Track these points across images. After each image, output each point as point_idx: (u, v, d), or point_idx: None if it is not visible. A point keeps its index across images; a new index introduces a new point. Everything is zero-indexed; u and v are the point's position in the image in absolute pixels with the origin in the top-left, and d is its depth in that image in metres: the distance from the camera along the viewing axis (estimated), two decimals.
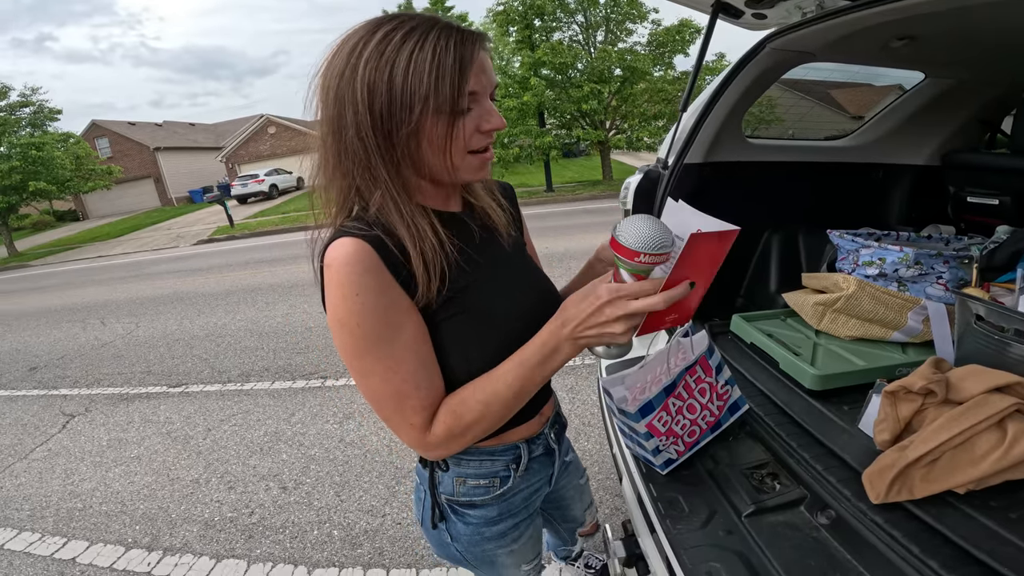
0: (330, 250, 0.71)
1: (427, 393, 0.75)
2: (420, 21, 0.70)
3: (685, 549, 0.91)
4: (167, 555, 2.29)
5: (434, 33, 0.69)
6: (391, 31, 0.69)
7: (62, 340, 6.02)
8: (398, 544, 2.16)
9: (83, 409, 3.98)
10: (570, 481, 1.19)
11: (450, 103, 0.69)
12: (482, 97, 0.74)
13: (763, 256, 1.98)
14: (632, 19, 14.58)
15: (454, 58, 0.68)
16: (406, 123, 0.69)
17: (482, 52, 0.73)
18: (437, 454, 0.78)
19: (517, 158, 14.51)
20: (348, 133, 0.71)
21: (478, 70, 0.72)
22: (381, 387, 0.73)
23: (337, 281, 0.69)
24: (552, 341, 0.73)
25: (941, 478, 0.85)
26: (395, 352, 0.72)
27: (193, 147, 33.48)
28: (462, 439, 0.77)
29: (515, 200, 1.04)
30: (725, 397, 1.13)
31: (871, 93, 2.76)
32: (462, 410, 0.75)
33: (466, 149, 0.74)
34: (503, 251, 0.90)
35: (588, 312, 0.69)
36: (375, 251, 0.70)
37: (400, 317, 0.72)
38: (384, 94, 0.68)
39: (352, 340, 0.71)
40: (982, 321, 1.06)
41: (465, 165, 0.76)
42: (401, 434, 0.77)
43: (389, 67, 0.68)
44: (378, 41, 0.68)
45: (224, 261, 10.29)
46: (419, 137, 0.71)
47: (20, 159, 17.58)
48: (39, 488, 2.99)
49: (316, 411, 3.40)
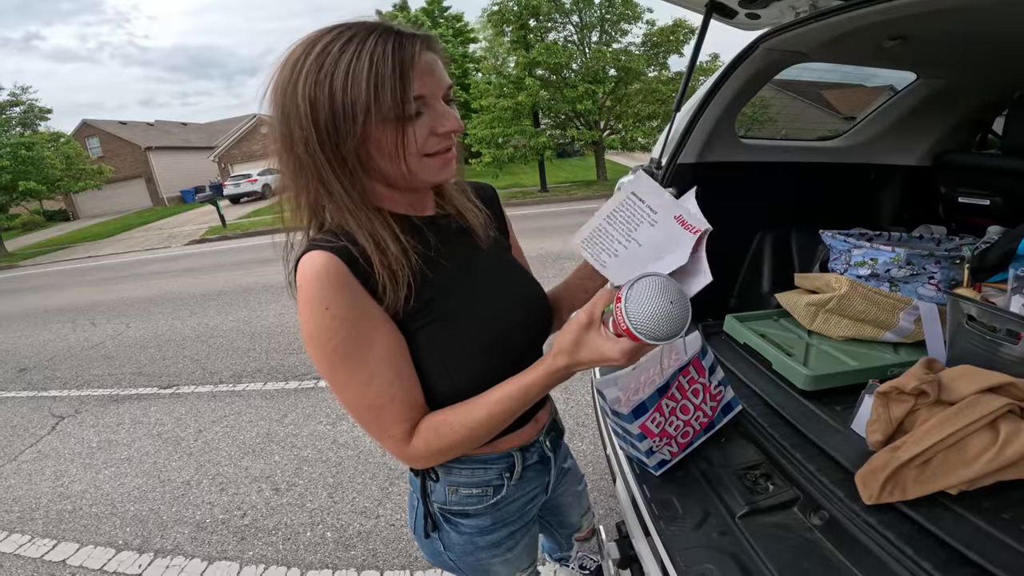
0: (300, 265, 0.71)
1: (404, 405, 0.74)
2: (359, 29, 0.68)
3: (679, 550, 0.91)
4: (158, 557, 2.27)
5: (371, 40, 0.67)
6: (329, 43, 0.68)
7: (52, 341, 5.97)
8: (392, 546, 2.15)
9: (73, 411, 3.95)
10: (568, 488, 1.18)
11: (394, 110, 0.68)
12: (432, 100, 0.72)
13: (756, 256, 1.98)
14: (627, 19, 14.63)
15: (393, 64, 0.67)
16: (352, 134, 0.68)
17: (426, 54, 0.71)
18: (420, 465, 0.79)
19: (512, 158, 14.53)
20: (298, 149, 0.70)
21: (422, 72, 0.70)
22: (357, 399, 0.73)
23: (306, 297, 0.69)
24: (552, 382, 0.74)
25: (934, 479, 0.85)
26: (368, 364, 0.72)
27: (185, 147, 33.30)
28: (444, 455, 0.77)
29: (496, 201, 1.02)
30: (718, 398, 1.12)
31: (863, 94, 2.77)
32: (445, 431, 0.75)
33: (420, 153, 0.73)
34: (480, 253, 0.88)
35: (596, 363, 0.70)
36: (342, 262, 0.69)
37: (372, 329, 0.72)
38: (326, 108, 0.67)
39: (324, 354, 0.71)
40: (974, 321, 1.07)
41: (423, 168, 0.74)
42: (383, 444, 0.76)
43: (328, 80, 0.66)
44: (317, 54, 0.67)
45: (216, 261, 10.24)
46: (368, 146, 0.70)
47: (10, 159, 17.45)
48: (28, 490, 2.96)
49: (309, 412, 3.38)
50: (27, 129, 19.25)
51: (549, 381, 0.73)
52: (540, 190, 14.84)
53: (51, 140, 19.57)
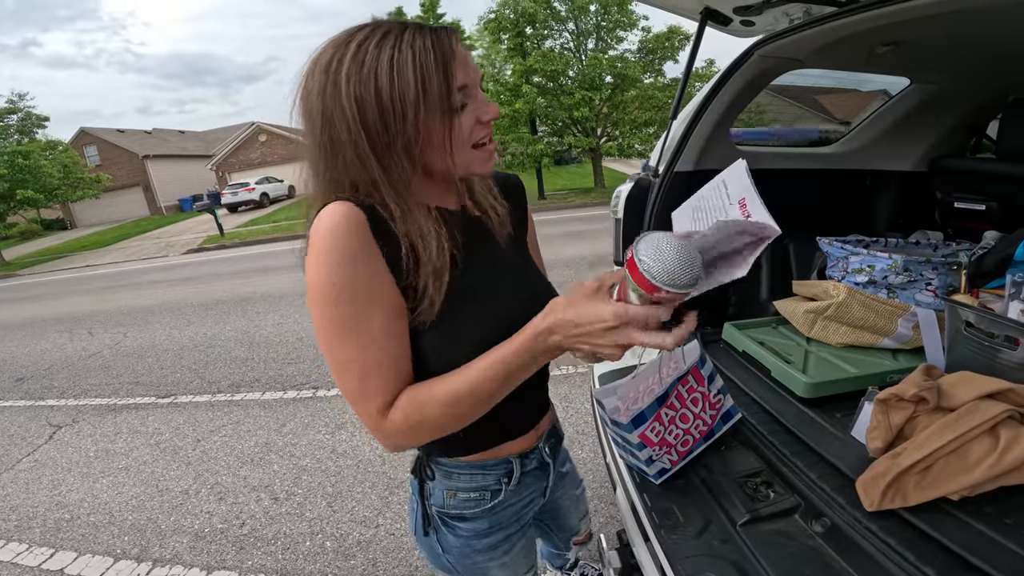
0: (318, 217, 0.68)
1: (391, 376, 0.71)
2: (390, 26, 0.68)
3: (680, 559, 0.91)
4: (157, 566, 2.26)
5: (408, 34, 0.67)
6: (364, 40, 0.67)
7: (49, 350, 5.95)
8: (392, 555, 2.14)
9: (70, 420, 3.93)
10: (566, 492, 1.17)
11: (442, 102, 0.68)
12: (473, 89, 0.72)
13: (754, 263, 1.98)
14: (622, 27, 14.69)
15: (436, 55, 0.67)
16: (402, 132, 0.67)
17: (459, 45, 0.71)
18: (394, 443, 0.74)
19: (509, 166, 14.55)
20: (345, 153, 0.69)
21: (462, 63, 0.70)
22: (345, 360, 0.70)
23: (319, 246, 0.67)
24: (539, 346, 0.68)
25: (935, 485, 0.85)
26: (367, 327, 0.69)
27: (183, 155, 33.24)
28: (420, 432, 0.73)
29: (521, 191, 1.00)
30: (718, 406, 1.12)
31: (857, 98, 2.79)
32: (425, 398, 0.71)
33: (469, 143, 0.73)
34: (496, 250, 0.87)
35: (586, 330, 0.64)
36: (366, 218, 0.68)
37: (380, 291, 0.69)
38: (374, 107, 0.66)
39: (324, 307, 0.68)
40: (972, 328, 1.07)
41: (470, 159, 0.75)
42: (360, 414, 0.73)
43: (373, 77, 0.66)
44: (354, 53, 0.66)
45: (214, 271, 10.23)
46: (419, 141, 0.69)
47: (7, 167, 17.43)
48: (26, 499, 2.94)
49: (307, 421, 3.37)
50: (25, 137, 19.25)
51: (535, 344, 0.68)
52: (538, 197, 14.86)
53: (48, 148, 19.57)
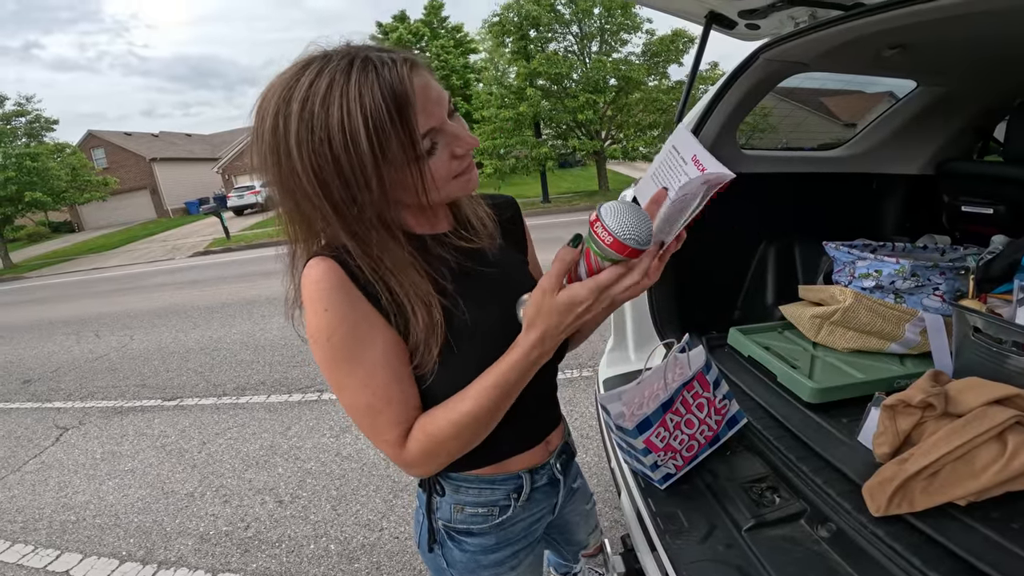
0: (304, 272, 0.72)
1: (400, 408, 0.73)
2: (335, 70, 0.62)
3: (684, 564, 0.91)
4: (162, 568, 2.27)
5: (355, 84, 0.61)
6: (306, 99, 0.62)
7: (56, 353, 5.99)
8: (396, 559, 2.14)
9: (77, 422, 3.95)
10: (576, 507, 1.14)
11: (408, 154, 0.65)
12: (441, 126, 0.68)
13: (759, 268, 1.98)
14: (626, 29, 14.70)
15: (388, 109, 0.61)
16: (371, 202, 0.66)
17: (417, 77, 0.65)
18: (418, 472, 0.77)
19: (513, 169, 14.57)
20: (315, 224, 0.71)
21: (423, 102, 0.65)
22: (354, 400, 0.73)
23: (309, 298, 0.71)
24: (534, 356, 0.70)
25: (942, 490, 0.85)
26: (366, 366, 0.72)
27: (189, 158, 33.48)
28: (439, 458, 0.75)
29: (518, 215, 0.99)
30: (723, 411, 1.12)
31: (863, 100, 2.78)
32: (433, 429, 0.73)
33: (447, 180, 0.72)
34: (490, 266, 0.85)
35: (572, 319, 0.68)
36: (341, 268, 0.70)
37: (370, 331, 0.72)
38: (336, 179, 0.64)
39: (323, 353, 0.72)
40: (980, 333, 1.06)
41: (452, 189, 0.74)
42: (380, 448, 0.76)
43: (327, 147, 0.62)
44: (298, 113, 0.62)
45: (220, 273, 10.28)
46: (390, 202, 0.70)
47: (15, 170, 17.54)
48: (32, 500, 2.96)
49: (312, 424, 3.38)
50: (33, 140, 19.36)
51: (529, 357, 0.70)
52: (542, 200, 14.87)
53: (56, 151, 19.68)
